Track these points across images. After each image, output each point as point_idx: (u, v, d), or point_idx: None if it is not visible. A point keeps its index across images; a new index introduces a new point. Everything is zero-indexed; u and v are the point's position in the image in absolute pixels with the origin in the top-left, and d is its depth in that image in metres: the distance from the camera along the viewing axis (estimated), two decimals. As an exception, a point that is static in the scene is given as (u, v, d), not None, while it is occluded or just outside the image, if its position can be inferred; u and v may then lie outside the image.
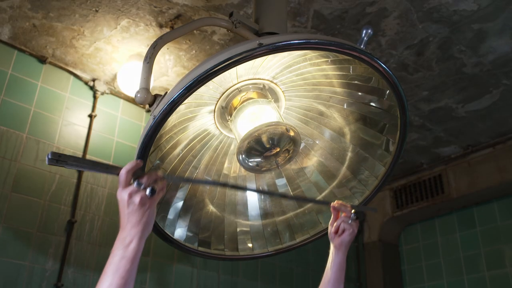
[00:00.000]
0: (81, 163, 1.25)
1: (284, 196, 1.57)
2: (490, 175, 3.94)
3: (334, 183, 1.79)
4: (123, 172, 1.15)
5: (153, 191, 1.15)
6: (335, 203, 1.57)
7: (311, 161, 1.83)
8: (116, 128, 3.20)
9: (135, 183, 1.14)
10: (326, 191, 1.80)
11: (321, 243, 1.61)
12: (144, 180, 1.14)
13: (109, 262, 1.09)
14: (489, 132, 3.84)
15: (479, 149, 4.03)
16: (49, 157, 1.13)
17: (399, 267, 4.63)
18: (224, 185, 1.52)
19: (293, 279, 3.87)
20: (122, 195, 1.14)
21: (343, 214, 1.55)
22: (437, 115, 3.62)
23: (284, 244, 1.84)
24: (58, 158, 1.14)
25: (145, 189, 1.14)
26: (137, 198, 1.12)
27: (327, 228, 1.80)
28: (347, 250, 1.57)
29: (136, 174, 1.19)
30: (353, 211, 1.56)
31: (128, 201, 1.13)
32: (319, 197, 1.81)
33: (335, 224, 1.55)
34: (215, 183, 1.62)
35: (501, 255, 3.99)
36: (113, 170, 1.23)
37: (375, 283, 4.46)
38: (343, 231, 1.53)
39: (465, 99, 3.44)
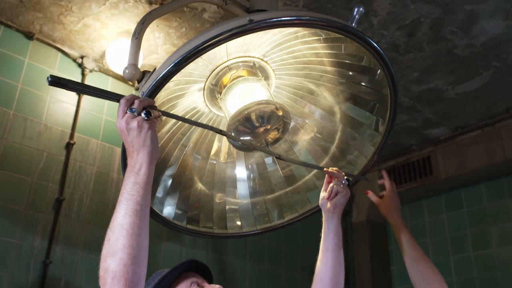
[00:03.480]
0: (81, 87, 1.27)
1: (278, 157, 1.56)
2: (479, 157, 3.97)
3: (323, 162, 1.79)
4: (122, 101, 1.16)
5: (148, 114, 1.17)
6: (328, 168, 1.57)
7: (301, 140, 1.82)
8: (105, 106, 3.16)
9: (128, 110, 1.16)
10: (315, 170, 1.80)
11: (310, 224, 1.62)
12: (136, 105, 1.15)
13: (121, 193, 1.09)
14: (479, 114, 3.86)
15: (468, 131, 4.05)
16: (49, 79, 1.14)
17: (387, 247, 4.68)
18: (219, 131, 1.49)
19: (281, 258, 3.90)
20: (121, 124, 1.16)
21: (336, 179, 1.56)
22: (427, 96, 3.62)
23: (273, 223, 1.85)
24: (58, 81, 1.16)
25: (139, 114, 1.15)
26: (134, 123, 1.14)
27: (316, 207, 1.81)
28: (341, 215, 1.57)
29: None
30: (345, 177, 1.57)
31: (127, 128, 1.15)
32: (309, 176, 1.81)
33: (328, 187, 1.55)
34: (207, 126, 1.59)
35: (487, 236, 4.05)
36: (113, 96, 1.24)
37: (363, 262, 4.51)
38: (336, 194, 1.54)
39: (456, 81, 3.44)
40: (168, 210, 1.75)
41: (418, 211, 4.57)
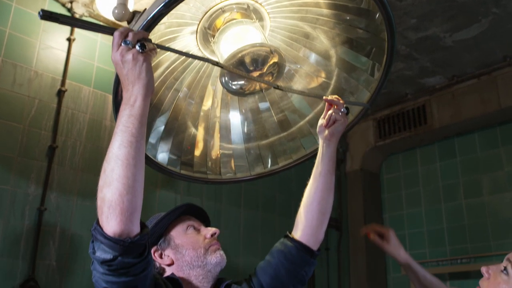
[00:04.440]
0: (73, 20, 1.24)
1: (276, 87, 1.53)
2: (473, 106, 3.96)
3: (318, 108, 1.77)
4: (116, 34, 1.14)
5: (143, 46, 1.15)
6: (328, 96, 1.55)
7: (295, 86, 1.79)
8: (96, 53, 3.10)
9: (123, 42, 1.14)
10: (310, 116, 1.78)
11: (304, 172, 1.61)
12: (130, 37, 1.13)
13: (117, 125, 1.10)
14: (475, 62, 3.82)
15: (464, 79, 4.02)
16: (41, 13, 1.11)
17: (380, 196, 4.73)
18: (215, 63, 1.46)
19: (275, 206, 3.94)
20: (115, 57, 1.15)
21: (335, 107, 1.54)
22: (424, 44, 3.57)
23: (267, 169, 1.85)
24: (50, 15, 1.13)
25: (134, 46, 1.14)
26: (129, 56, 1.13)
27: (310, 153, 1.80)
28: (337, 142, 1.57)
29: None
30: (344, 105, 1.55)
31: (122, 61, 1.13)
32: (303, 122, 1.80)
33: (327, 114, 1.53)
34: (203, 58, 1.56)
35: (478, 185, 4.09)
36: (106, 29, 1.21)
37: (355, 210, 4.57)
38: (334, 121, 1.53)
39: (453, 28, 3.38)
40: (162, 155, 1.73)
41: (412, 160, 4.59)
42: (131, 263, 1.07)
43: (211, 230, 1.47)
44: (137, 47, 1.14)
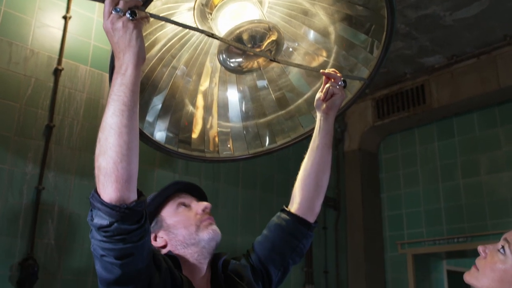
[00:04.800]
0: None
1: (273, 59, 1.52)
2: (472, 86, 3.95)
3: (316, 86, 1.75)
4: (107, 1, 1.14)
5: (133, 14, 1.14)
6: (325, 70, 1.54)
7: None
8: (93, 31, 3.06)
9: (113, 10, 1.13)
10: (308, 94, 1.77)
11: (302, 151, 1.60)
12: (121, 5, 1.13)
13: (109, 94, 1.11)
14: (475, 42, 3.79)
15: (464, 59, 4.00)
16: None
17: (378, 175, 4.74)
18: (210, 35, 1.44)
19: (273, 185, 3.95)
20: (106, 25, 1.14)
21: (332, 81, 1.53)
22: (424, 23, 3.54)
23: (265, 147, 1.84)
24: None
25: (125, 13, 1.14)
26: (119, 24, 1.12)
27: (308, 131, 1.79)
28: (335, 116, 1.56)
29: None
30: (342, 78, 1.54)
31: (112, 29, 1.13)
32: (301, 100, 1.78)
33: (325, 88, 1.52)
34: (197, 29, 1.53)
35: (476, 164, 4.10)
36: None
37: (353, 190, 4.59)
38: (332, 95, 1.52)
39: (454, 6, 3.34)
40: (159, 134, 1.72)
41: (410, 140, 4.59)
42: (127, 229, 1.08)
43: (202, 205, 1.45)
44: (127, 15, 1.13)
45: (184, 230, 1.38)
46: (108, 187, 1.05)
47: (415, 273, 4.34)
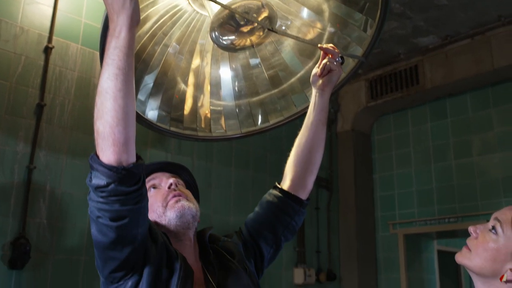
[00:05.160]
0: None
1: (271, 29, 1.49)
2: (466, 67, 3.94)
3: (309, 64, 1.74)
4: None
5: None
6: (323, 45, 1.52)
7: (286, 42, 1.76)
8: (84, 9, 3.01)
9: None
10: (302, 72, 1.75)
11: (295, 131, 1.59)
12: None
13: (104, 58, 1.10)
14: (469, 22, 3.77)
15: (458, 39, 3.99)
16: None
17: (370, 156, 4.76)
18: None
19: (266, 165, 3.95)
20: None
21: (330, 56, 1.51)
22: (418, 2, 3.51)
23: (258, 126, 1.83)
24: None
25: None
26: None
27: (301, 111, 1.78)
28: (330, 93, 1.55)
29: None
30: (340, 54, 1.52)
31: None
32: (294, 79, 1.77)
33: (322, 63, 1.51)
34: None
35: (469, 145, 4.12)
36: None
37: (346, 171, 4.60)
38: (329, 71, 1.51)
39: (448, -14, 3.32)
40: (151, 112, 1.71)
41: (403, 121, 4.60)
42: (124, 191, 1.10)
43: (168, 181, 1.42)
44: None
45: (153, 213, 1.37)
46: (106, 151, 1.07)
47: (406, 253, 4.39)
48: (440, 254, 4.98)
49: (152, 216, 1.37)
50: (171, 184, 1.41)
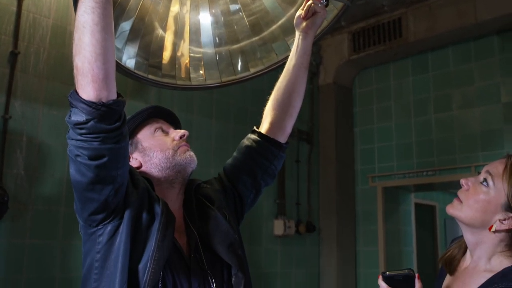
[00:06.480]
0: None
1: None
2: (450, 20, 3.91)
3: (291, 11, 1.69)
4: None
5: None
6: None
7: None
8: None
9: None
10: (283, 20, 1.71)
11: (276, 82, 1.56)
12: None
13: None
14: (454, -27, 3.72)
15: (442, -9, 3.94)
16: None
17: (351, 109, 4.76)
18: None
19: (247, 117, 3.93)
20: None
21: None
22: (403, -48, 3.44)
23: (238, 75, 1.80)
24: None
25: None
26: None
27: (282, 59, 1.74)
28: (314, 36, 1.52)
29: None
30: None
31: None
32: (275, 26, 1.73)
33: (306, 5, 1.47)
34: None
35: (449, 99, 4.14)
36: None
37: (327, 124, 4.61)
38: (313, 13, 1.48)
39: None
40: (129, 60, 1.66)
41: (385, 75, 4.59)
42: (104, 129, 1.09)
43: (180, 132, 1.44)
44: None
45: (160, 153, 1.37)
46: (86, 87, 1.06)
47: (384, 205, 4.47)
48: (417, 206, 5.09)
49: (158, 155, 1.37)
50: (183, 134, 1.44)
